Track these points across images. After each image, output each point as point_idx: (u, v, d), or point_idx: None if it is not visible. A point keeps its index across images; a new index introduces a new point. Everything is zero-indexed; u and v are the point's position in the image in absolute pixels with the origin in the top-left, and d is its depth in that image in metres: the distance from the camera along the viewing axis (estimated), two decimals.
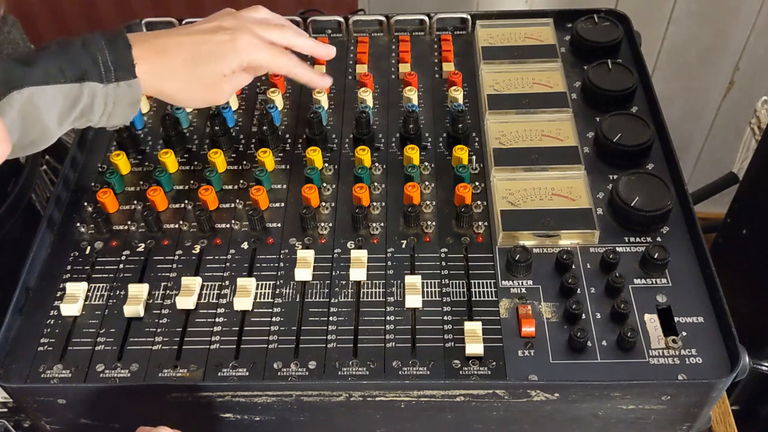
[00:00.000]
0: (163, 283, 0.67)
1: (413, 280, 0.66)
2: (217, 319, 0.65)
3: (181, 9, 1.37)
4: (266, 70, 0.74)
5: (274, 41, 0.71)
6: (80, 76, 0.61)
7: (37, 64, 0.61)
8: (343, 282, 0.67)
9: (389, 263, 0.68)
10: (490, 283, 0.66)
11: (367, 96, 0.82)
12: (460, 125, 0.78)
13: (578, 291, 0.65)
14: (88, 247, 0.71)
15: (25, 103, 0.60)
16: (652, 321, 0.63)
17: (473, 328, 0.62)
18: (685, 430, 0.64)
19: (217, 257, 0.69)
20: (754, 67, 1.51)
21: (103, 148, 0.80)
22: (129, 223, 0.73)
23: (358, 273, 0.66)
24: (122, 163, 0.76)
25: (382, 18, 0.92)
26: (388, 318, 0.64)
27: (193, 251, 0.70)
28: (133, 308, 0.65)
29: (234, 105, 0.83)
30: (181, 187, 0.76)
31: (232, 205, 0.74)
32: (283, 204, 0.74)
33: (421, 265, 0.68)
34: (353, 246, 0.70)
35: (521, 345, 0.62)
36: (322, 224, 0.71)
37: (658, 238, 0.69)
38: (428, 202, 0.73)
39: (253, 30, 0.69)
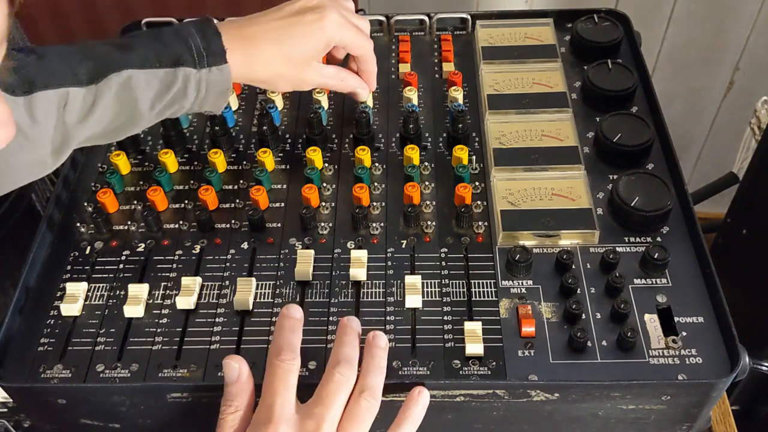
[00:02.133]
0: (163, 283, 0.67)
1: (413, 280, 0.66)
2: (217, 319, 0.65)
3: (181, 9, 1.37)
4: (347, 51, 0.76)
5: (356, 25, 0.73)
6: (175, 61, 0.64)
7: (134, 49, 0.63)
8: (343, 282, 0.67)
9: (389, 263, 0.68)
10: (490, 283, 0.66)
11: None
12: (460, 125, 0.78)
13: (578, 291, 0.65)
14: (88, 247, 0.71)
15: (122, 85, 0.63)
16: (652, 321, 0.63)
17: (473, 328, 0.62)
18: (685, 430, 0.64)
19: (217, 257, 0.69)
20: (754, 67, 1.51)
21: (103, 148, 0.80)
22: (129, 223, 0.73)
23: (358, 273, 0.66)
24: (122, 163, 0.76)
25: (382, 18, 0.92)
26: (388, 318, 0.64)
27: (193, 251, 0.70)
28: (133, 308, 0.65)
29: (234, 105, 0.83)
30: (181, 187, 0.76)
31: (232, 205, 0.74)
32: (283, 204, 0.74)
33: (421, 265, 0.68)
34: (353, 246, 0.70)
35: (521, 345, 0.62)
36: (322, 224, 0.71)
37: (658, 238, 0.69)
38: (428, 202, 0.73)
39: (339, 9, 0.71)
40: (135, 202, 0.74)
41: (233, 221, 0.72)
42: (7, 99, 0.36)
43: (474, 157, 0.76)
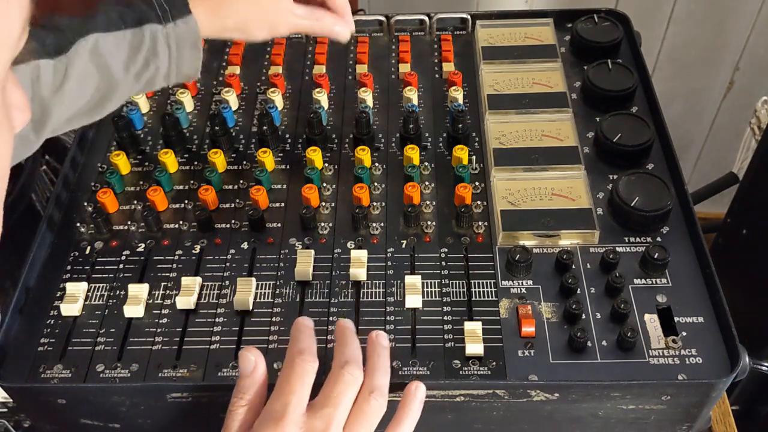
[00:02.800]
0: (163, 283, 0.67)
1: (413, 280, 0.66)
2: (217, 319, 0.65)
3: None
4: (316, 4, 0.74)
5: None
6: (139, 20, 0.64)
7: (97, 15, 0.64)
8: (343, 282, 0.67)
9: (389, 263, 0.68)
10: (490, 283, 0.66)
11: (367, 96, 0.82)
12: (460, 125, 0.77)
13: (578, 291, 0.65)
14: (88, 247, 0.71)
15: (91, 51, 0.63)
16: (652, 321, 0.63)
17: (473, 328, 0.62)
18: (685, 430, 0.64)
19: (217, 257, 0.69)
20: (754, 67, 1.51)
21: (103, 148, 0.80)
22: (129, 223, 0.73)
23: (358, 273, 0.66)
24: (122, 163, 0.76)
25: (382, 18, 0.92)
26: (388, 318, 0.64)
27: (193, 251, 0.70)
28: (133, 308, 0.65)
29: (234, 105, 0.83)
30: (181, 187, 0.76)
31: (232, 205, 0.74)
32: (283, 204, 0.74)
33: (421, 265, 0.68)
34: (353, 246, 0.70)
35: (521, 345, 0.62)
36: (322, 224, 0.71)
37: (658, 238, 0.69)
38: (428, 202, 0.73)
39: None
40: (135, 202, 0.74)
41: (233, 221, 0.72)
42: None
43: (474, 157, 0.76)
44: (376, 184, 0.75)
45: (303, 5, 0.73)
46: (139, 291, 0.66)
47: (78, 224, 0.73)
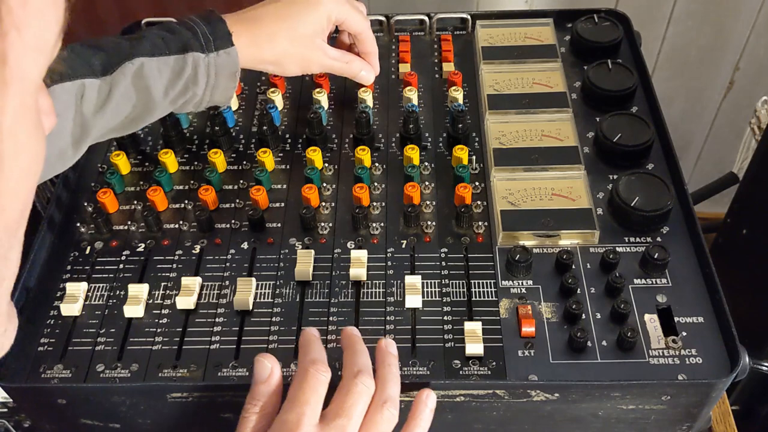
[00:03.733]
0: (163, 283, 0.67)
1: (413, 280, 0.66)
2: (217, 319, 0.65)
3: (181, 9, 1.37)
4: (346, 29, 0.78)
5: (354, 5, 0.77)
6: (183, 48, 0.67)
7: (143, 39, 0.66)
8: (343, 282, 0.67)
9: (389, 263, 0.68)
10: (490, 283, 0.66)
11: (367, 96, 0.82)
12: (460, 125, 0.77)
13: (578, 291, 0.65)
14: (88, 247, 0.71)
15: (135, 74, 0.65)
16: (652, 321, 0.63)
17: (473, 328, 0.62)
18: (685, 430, 0.64)
19: (217, 257, 0.69)
20: (754, 67, 1.51)
21: (103, 148, 0.80)
22: (129, 223, 0.73)
23: (358, 273, 0.66)
24: (122, 163, 0.76)
25: (382, 18, 0.92)
26: (388, 318, 0.64)
27: (193, 251, 0.70)
28: (133, 308, 0.65)
29: (234, 105, 0.83)
30: (181, 187, 0.76)
31: (232, 205, 0.74)
32: (283, 204, 0.74)
33: (421, 265, 0.68)
34: (353, 246, 0.70)
35: (521, 345, 0.62)
36: (322, 224, 0.71)
37: (658, 238, 0.69)
38: (428, 202, 0.73)
39: None
40: (135, 202, 0.74)
41: (233, 221, 0.72)
42: None
43: (474, 157, 0.76)
44: (376, 184, 0.75)
45: (336, 48, 0.78)
46: (139, 291, 0.66)
47: (78, 224, 0.73)
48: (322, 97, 0.82)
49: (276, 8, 0.73)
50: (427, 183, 0.75)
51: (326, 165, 0.77)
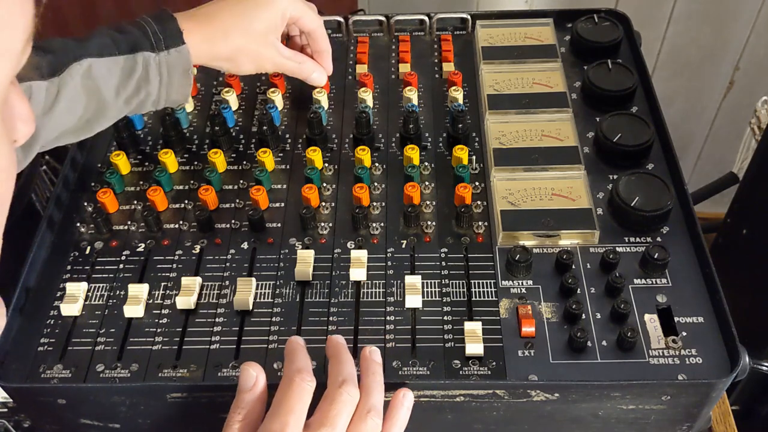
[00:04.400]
0: (163, 283, 0.67)
1: (413, 280, 0.66)
2: (217, 319, 0.65)
3: (180, 9, 1.37)
4: (299, 27, 0.79)
5: (308, 4, 0.77)
6: (132, 47, 0.67)
7: (91, 39, 0.66)
8: (343, 282, 0.67)
9: (389, 263, 0.68)
10: (490, 283, 0.66)
11: (367, 96, 0.82)
12: (460, 125, 0.77)
13: (578, 291, 0.65)
14: (88, 247, 0.71)
15: (83, 75, 0.65)
16: (652, 321, 0.63)
17: (473, 328, 0.62)
18: (685, 430, 0.64)
19: (217, 257, 0.69)
20: (754, 67, 1.51)
21: (103, 148, 0.80)
22: (129, 223, 0.73)
23: (358, 273, 0.66)
24: (122, 163, 0.76)
25: (382, 18, 0.92)
26: (388, 318, 0.64)
27: (193, 251, 0.70)
28: (133, 308, 0.65)
29: (234, 105, 0.83)
30: (181, 187, 0.76)
31: (232, 205, 0.74)
32: (283, 204, 0.74)
33: (421, 265, 0.68)
34: (353, 246, 0.70)
35: (521, 345, 0.62)
36: (322, 224, 0.71)
37: (658, 238, 0.69)
38: (428, 202, 0.73)
39: None
40: (135, 202, 0.74)
41: (233, 221, 0.72)
42: None
43: (474, 157, 0.76)
44: (376, 184, 0.75)
45: (289, 48, 0.78)
46: (139, 291, 0.66)
47: (78, 224, 0.73)
48: (322, 97, 0.82)
49: (230, 5, 0.73)
50: (427, 183, 0.75)
51: (326, 165, 0.77)
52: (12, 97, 0.37)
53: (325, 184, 0.75)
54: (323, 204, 0.73)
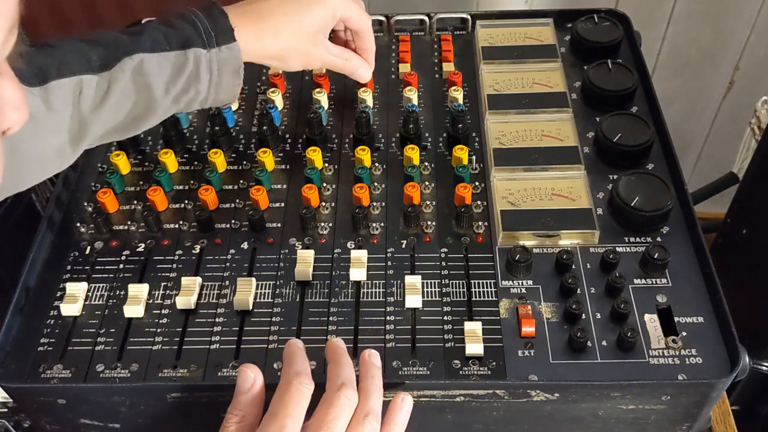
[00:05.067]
0: (163, 283, 0.67)
1: (413, 280, 0.66)
2: (217, 319, 0.65)
3: (181, 7, 1.37)
4: (348, 25, 0.78)
5: (359, 3, 0.76)
6: (184, 43, 0.65)
7: (143, 34, 0.65)
8: (343, 282, 0.67)
9: (389, 263, 0.68)
10: (490, 283, 0.66)
11: (367, 96, 0.82)
12: (460, 125, 0.78)
13: (578, 291, 0.65)
14: (88, 247, 0.71)
15: (134, 70, 0.64)
16: (652, 321, 0.63)
17: (473, 328, 0.62)
18: (685, 430, 0.64)
19: (217, 257, 0.69)
20: (754, 67, 1.51)
21: (103, 148, 0.80)
22: (129, 223, 0.73)
23: (358, 273, 0.66)
24: (122, 163, 0.76)
25: (382, 18, 0.92)
26: (388, 318, 0.64)
27: (193, 251, 0.70)
28: (133, 308, 0.65)
29: (234, 105, 0.83)
30: (181, 187, 0.76)
31: (232, 205, 0.74)
32: (283, 204, 0.74)
33: (421, 265, 0.68)
34: (353, 246, 0.70)
35: (521, 345, 0.62)
36: (322, 224, 0.71)
37: (658, 238, 0.69)
38: (428, 202, 0.73)
39: None
40: (135, 202, 0.74)
41: (233, 221, 0.72)
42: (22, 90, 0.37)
43: (474, 157, 0.76)
44: (376, 184, 0.75)
45: (336, 45, 0.77)
46: (139, 291, 0.66)
47: (78, 224, 0.73)
48: (322, 97, 0.83)
49: (281, 2, 0.71)
50: (427, 183, 0.75)
51: (326, 165, 0.77)
52: (0, 84, 0.36)
53: (325, 184, 0.75)
54: (323, 204, 0.73)
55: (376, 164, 0.77)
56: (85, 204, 0.74)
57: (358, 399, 0.55)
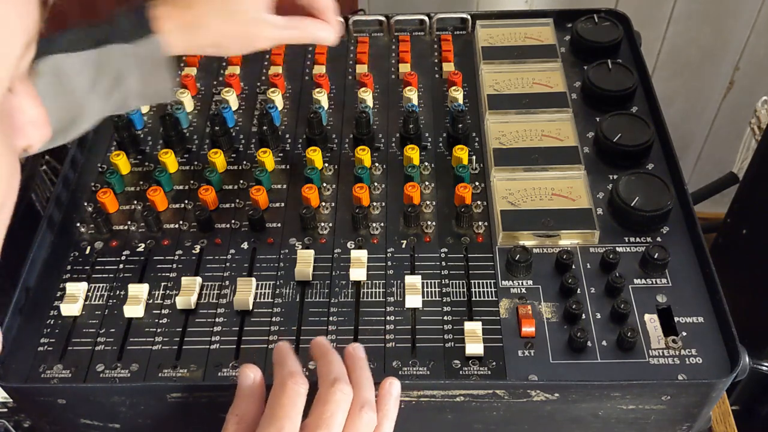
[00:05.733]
0: (163, 283, 0.67)
1: (413, 280, 0.66)
2: (217, 319, 0.65)
3: None
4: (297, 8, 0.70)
5: None
6: (101, 41, 0.63)
7: (61, 35, 0.62)
8: (343, 282, 0.67)
9: (389, 263, 0.68)
10: (490, 283, 0.66)
11: (367, 96, 0.82)
12: (460, 125, 0.77)
13: (578, 291, 0.65)
14: (88, 247, 0.71)
15: (51, 71, 0.61)
16: (652, 321, 0.63)
17: (473, 328, 0.62)
18: (685, 430, 0.64)
19: (217, 257, 0.69)
20: (754, 67, 1.51)
21: (103, 148, 0.80)
22: (129, 223, 0.73)
23: (358, 273, 0.66)
24: (122, 163, 0.76)
25: (382, 18, 0.92)
26: (388, 318, 0.64)
27: (193, 251, 0.70)
28: (133, 308, 0.65)
29: (234, 105, 0.83)
30: (181, 187, 0.76)
31: (232, 205, 0.74)
32: (283, 204, 0.74)
33: (421, 265, 0.68)
34: (353, 246, 0.70)
35: (521, 345, 0.62)
36: (322, 224, 0.71)
37: (658, 238, 0.69)
38: (428, 202, 0.73)
39: None
40: (135, 202, 0.74)
41: (233, 221, 0.72)
42: None
43: (474, 157, 0.76)
44: (376, 184, 0.75)
45: (282, 16, 0.69)
46: (139, 291, 0.66)
47: (78, 224, 0.73)
48: (322, 97, 0.82)
49: None
50: (427, 183, 0.75)
51: (326, 165, 0.77)
52: (20, 100, 0.36)
53: (325, 184, 0.75)
54: (323, 204, 0.73)
55: (376, 164, 0.77)
56: (85, 204, 0.74)
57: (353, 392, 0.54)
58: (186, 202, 0.74)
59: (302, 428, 0.53)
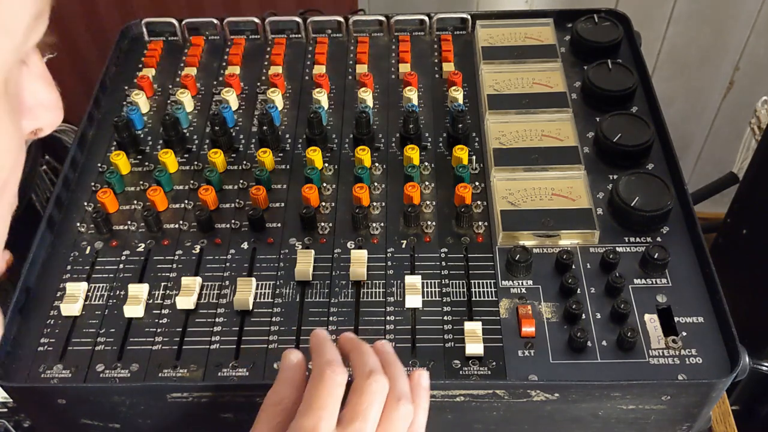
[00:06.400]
0: (163, 283, 0.67)
1: (413, 280, 0.66)
2: (217, 319, 0.65)
3: (181, 9, 1.37)
4: None
5: None
6: None
7: None
8: (343, 282, 0.67)
9: (389, 263, 0.68)
10: (490, 283, 0.66)
11: (367, 96, 0.82)
12: (460, 125, 0.78)
13: (578, 291, 0.65)
14: (88, 247, 0.71)
15: None
16: (652, 321, 0.63)
17: (473, 328, 0.62)
18: (685, 430, 0.64)
19: (217, 257, 0.69)
20: (754, 67, 1.51)
21: (103, 148, 0.80)
22: (129, 223, 0.73)
23: (358, 273, 0.66)
24: (122, 163, 0.76)
25: (382, 18, 0.92)
26: (388, 318, 0.64)
27: (193, 251, 0.70)
28: (133, 308, 0.65)
29: (234, 105, 0.83)
30: (181, 187, 0.76)
31: (232, 205, 0.74)
32: (283, 204, 0.74)
33: (421, 265, 0.68)
34: (353, 246, 0.70)
35: (521, 345, 0.62)
36: (322, 224, 0.71)
37: (658, 238, 0.69)
38: (428, 202, 0.73)
39: None
40: (135, 202, 0.74)
41: (233, 221, 0.72)
42: None
43: (474, 157, 0.76)
44: (376, 184, 0.75)
45: None
46: (139, 291, 0.66)
47: (78, 224, 0.73)
48: (322, 97, 0.82)
49: None
50: (427, 183, 0.75)
51: (326, 165, 0.77)
52: (31, 82, 0.34)
53: (325, 184, 0.75)
54: (323, 204, 0.73)
55: (376, 164, 0.77)
56: (85, 204, 0.74)
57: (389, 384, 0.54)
58: (186, 202, 0.74)
59: (339, 420, 0.52)
